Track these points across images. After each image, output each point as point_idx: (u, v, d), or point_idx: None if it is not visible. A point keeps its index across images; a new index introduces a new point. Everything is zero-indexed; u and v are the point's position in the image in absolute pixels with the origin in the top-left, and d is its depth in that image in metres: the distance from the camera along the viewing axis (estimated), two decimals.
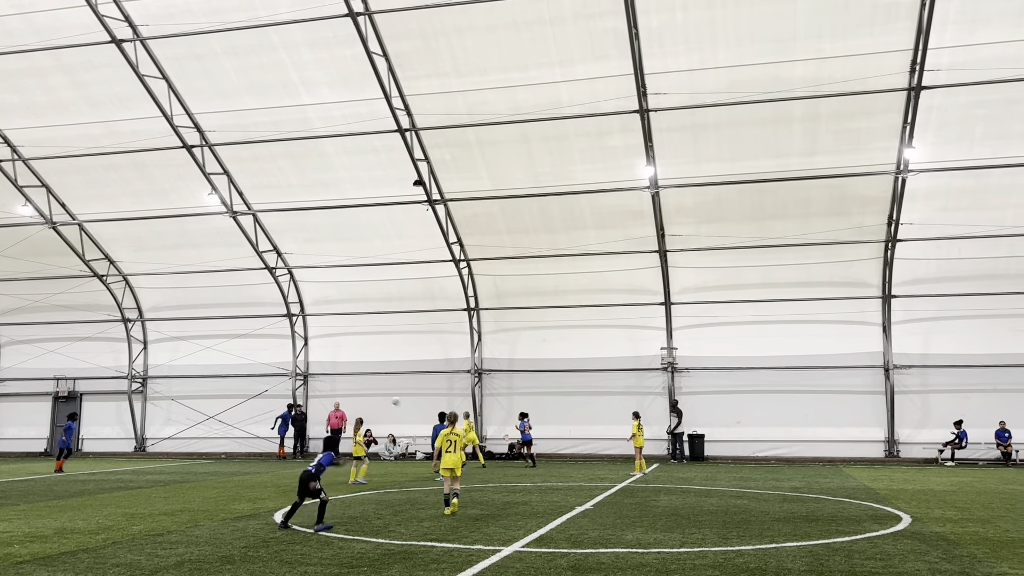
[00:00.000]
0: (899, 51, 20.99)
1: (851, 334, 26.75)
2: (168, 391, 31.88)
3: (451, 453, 13.29)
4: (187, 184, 27.04)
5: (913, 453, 26.31)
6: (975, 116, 22.18)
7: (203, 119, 25.12)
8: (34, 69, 24.19)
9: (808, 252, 26.11)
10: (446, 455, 13.30)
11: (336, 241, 28.40)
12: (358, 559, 9.49)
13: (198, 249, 29.37)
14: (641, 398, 27.93)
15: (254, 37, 22.54)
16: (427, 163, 25.39)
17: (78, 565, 9.18)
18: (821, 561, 9.38)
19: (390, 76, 23.01)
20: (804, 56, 21.33)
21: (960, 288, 25.87)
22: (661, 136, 23.64)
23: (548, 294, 28.79)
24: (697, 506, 14.56)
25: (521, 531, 11.62)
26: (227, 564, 9.21)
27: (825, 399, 26.70)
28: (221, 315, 31.13)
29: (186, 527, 12.11)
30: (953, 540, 10.90)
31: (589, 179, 25.14)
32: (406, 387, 29.56)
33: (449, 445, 13.30)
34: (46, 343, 32.56)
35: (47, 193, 28.15)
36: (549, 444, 28.57)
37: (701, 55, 21.63)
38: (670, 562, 9.32)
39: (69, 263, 30.35)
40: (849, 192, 24.57)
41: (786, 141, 23.51)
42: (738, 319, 27.36)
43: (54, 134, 26.03)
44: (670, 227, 26.34)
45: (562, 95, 22.94)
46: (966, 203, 24.23)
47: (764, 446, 27.09)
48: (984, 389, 25.83)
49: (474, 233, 27.70)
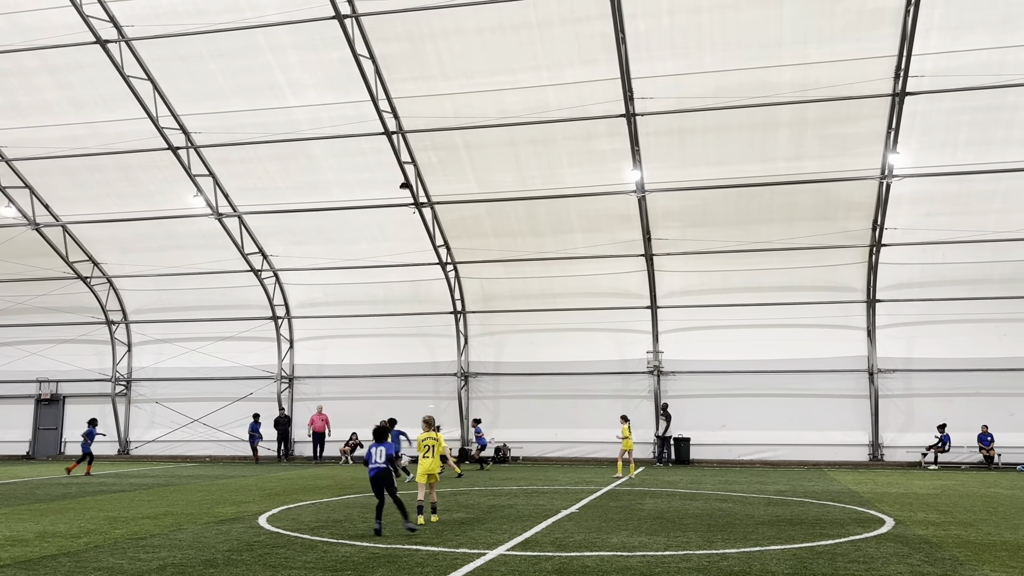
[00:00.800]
0: (884, 57, 21.13)
1: (836, 338, 26.87)
2: (152, 394, 31.68)
3: (429, 459, 12.85)
4: (172, 186, 26.89)
5: (897, 457, 26.46)
6: (959, 122, 22.35)
7: (189, 120, 25.01)
8: (18, 69, 24.02)
9: (794, 256, 26.22)
10: (424, 460, 12.85)
11: (322, 243, 28.31)
12: (343, 563, 9.45)
13: (183, 251, 29.21)
14: (627, 401, 27.95)
15: (240, 39, 22.45)
16: (414, 166, 25.36)
17: (59, 569, 9.10)
18: (805, 564, 9.41)
19: (377, 79, 22.98)
20: (790, 61, 21.45)
21: (944, 292, 26.05)
22: (648, 140, 23.70)
23: (535, 297, 28.80)
24: (682, 509, 14.59)
25: (506, 534, 11.60)
26: (210, 568, 9.15)
27: (810, 403, 26.82)
28: (206, 317, 30.97)
29: (169, 531, 12.03)
30: (936, 543, 10.96)
31: (576, 183, 25.17)
32: (392, 390, 29.44)
33: (427, 451, 12.84)
34: (29, 345, 32.28)
35: (30, 194, 27.94)
36: (535, 448, 28.58)
37: (688, 60, 21.70)
38: (655, 565, 9.33)
39: (53, 265, 30.11)
40: (834, 197, 24.70)
41: (772, 146, 23.62)
42: (724, 323, 27.44)
43: (38, 135, 25.84)
44: (656, 231, 26.41)
45: (549, 99, 22.97)
46: (949, 208, 24.41)
47: (749, 449, 27.18)
48: (967, 393, 26.01)
49: (461, 236, 27.67)
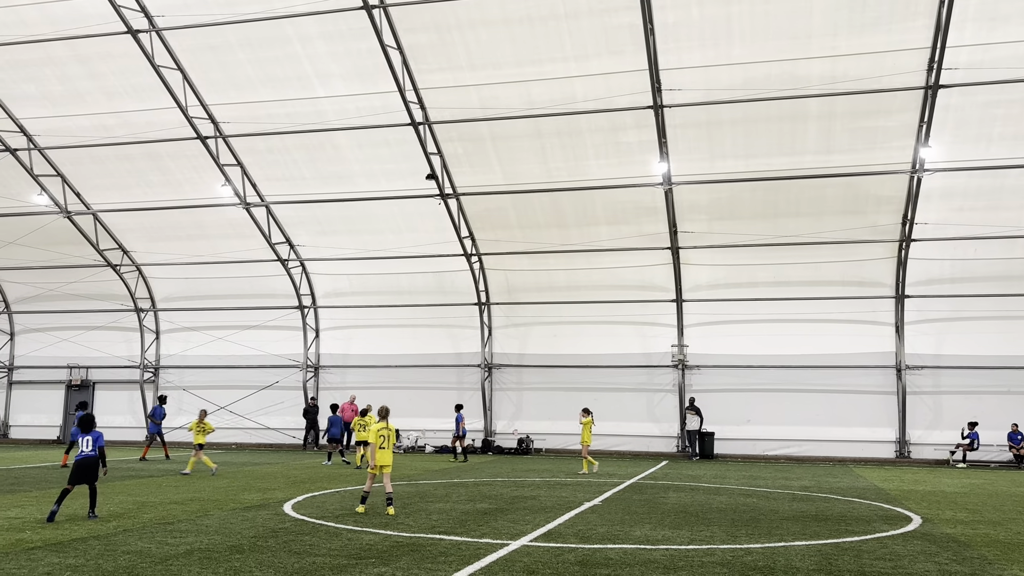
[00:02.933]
0: (916, 49, 20.83)
1: (863, 334, 26.61)
2: (180, 381, 32.05)
3: (385, 450, 12.79)
4: (201, 175, 27.14)
5: (924, 454, 26.17)
6: (993, 116, 21.99)
7: (217, 111, 25.20)
8: (50, 59, 24.32)
9: (821, 251, 25.98)
10: (380, 452, 12.74)
11: (348, 234, 28.44)
12: (366, 550, 9.51)
13: (211, 240, 29.48)
14: (651, 395, 27.92)
15: (269, 29, 22.57)
16: (440, 157, 25.38)
17: (89, 552, 9.24)
18: (830, 560, 9.33)
19: (404, 69, 23.01)
20: (820, 53, 21.21)
21: (975, 289, 25.68)
22: (675, 132, 23.55)
23: (559, 290, 28.76)
24: (706, 504, 14.53)
25: (529, 525, 11.61)
26: (236, 554, 9.24)
27: (836, 399, 26.58)
28: (233, 306, 31.25)
29: (196, 516, 12.17)
30: (964, 542, 10.83)
31: (602, 175, 25.07)
32: (416, 381, 29.59)
33: (383, 441, 12.80)
34: (60, 331, 32.78)
35: (62, 183, 28.31)
36: (558, 440, 28.59)
37: (716, 51, 21.52)
38: (678, 559, 9.29)
39: (83, 252, 30.53)
40: (863, 191, 24.42)
41: (801, 139, 23.38)
42: (750, 317, 27.26)
43: (70, 124, 26.16)
44: (683, 224, 26.25)
45: (576, 90, 22.88)
46: (982, 203, 24.04)
47: (774, 445, 27.00)
48: (997, 391, 25.66)
49: (486, 228, 27.68)
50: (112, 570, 8.28)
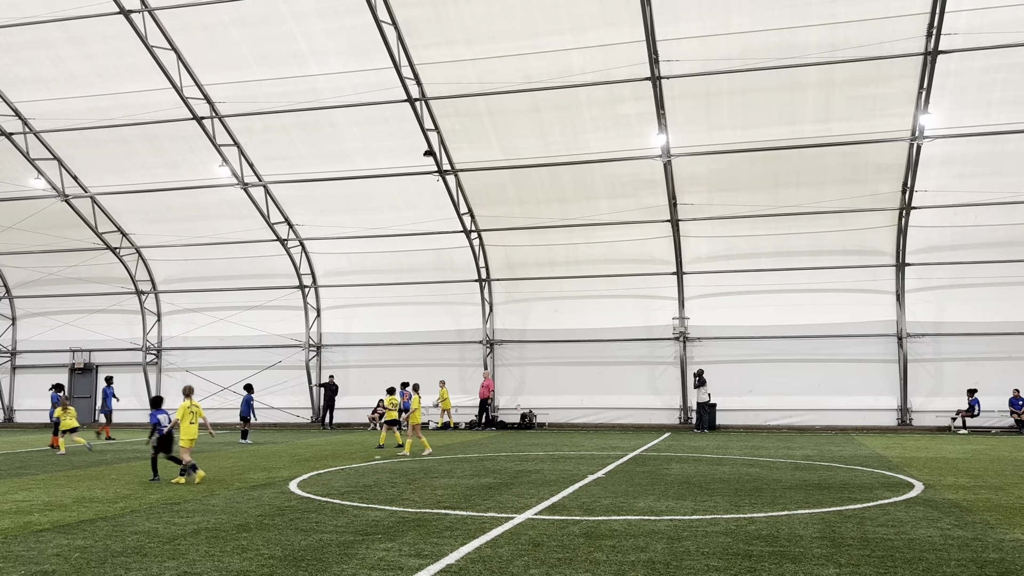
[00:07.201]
0: (915, 15, 20.65)
1: (864, 302, 26.62)
2: (183, 362, 32.13)
3: (193, 425, 14.45)
4: (198, 156, 27.02)
5: (926, 421, 26.28)
6: (993, 81, 21.85)
7: (213, 90, 25.03)
8: (43, 41, 24.10)
9: (821, 220, 25.92)
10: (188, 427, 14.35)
11: (347, 212, 28.38)
12: (373, 526, 9.58)
13: (210, 221, 29.42)
14: (653, 368, 27.99)
15: (263, 7, 22.36)
16: (437, 133, 25.26)
17: (97, 533, 9.31)
18: (833, 528, 9.40)
19: (399, 45, 22.83)
20: (818, 21, 21.03)
21: (975, 256, 25.66)
22: (673, 104, 23.41)
23: (559, 264, 28.75)
24: (709, 474, 14.61)
25: (534, 499, 11.69)
26: (243, 532, 9.31)
27: (838, 368, 26.66)
28: (234, 287, 31.25)
29: (202, 496, 12.25)
30: (966, 507, 10.90)
31: (601, 148, 24.96)
32: (418, 358, 29.63)
33: (193, 417, 14.49)
34: (61, 315, 32.84)
35: (59, 166, 28.21)
36: (561, 414, 28.71)
37: (714, 21, 21.34)
38: (682, 529, 9.36)
39: (82, 236, 30.48)
40: (863, 159, 24.32)
41: (800, 108, 23.25)
42: (750, 288, 27.27)
43: (65, 106, 26.00)
44: (682, 196, 26.18)
45: (573, 63, 22.72)
46: (982, 169, 23.95)
47: (776, 415, 27.12)
48: (998, 357, 25.72)
49: (485, 204, 27.61)
50: (120, 550, 8.34)
